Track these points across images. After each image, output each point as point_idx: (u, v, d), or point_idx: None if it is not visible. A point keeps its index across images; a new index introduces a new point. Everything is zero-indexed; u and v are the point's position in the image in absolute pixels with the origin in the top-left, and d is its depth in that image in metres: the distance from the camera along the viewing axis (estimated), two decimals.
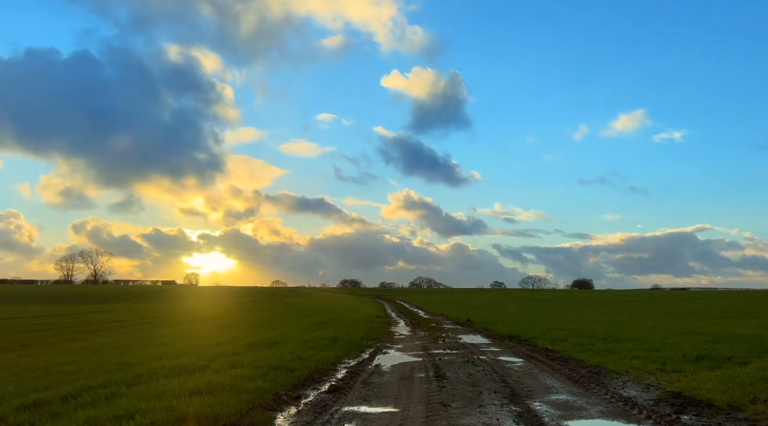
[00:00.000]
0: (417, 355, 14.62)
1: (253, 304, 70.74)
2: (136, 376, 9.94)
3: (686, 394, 8.46)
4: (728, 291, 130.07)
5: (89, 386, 9.08)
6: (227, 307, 61.59)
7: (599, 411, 7.87)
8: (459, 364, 12.58)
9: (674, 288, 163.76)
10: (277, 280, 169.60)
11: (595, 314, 37.17)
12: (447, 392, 9.26)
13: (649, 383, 9.82)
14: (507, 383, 10.02)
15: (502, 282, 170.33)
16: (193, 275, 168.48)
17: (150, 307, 62.08)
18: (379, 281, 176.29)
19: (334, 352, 14.03)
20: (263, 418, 7.38)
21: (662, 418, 7.26)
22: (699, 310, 45.22)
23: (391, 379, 10.69)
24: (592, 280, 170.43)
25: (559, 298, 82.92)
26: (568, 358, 13.44)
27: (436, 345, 17.11)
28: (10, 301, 76.30)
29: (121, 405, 7.43)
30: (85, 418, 6.85)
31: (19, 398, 8.40)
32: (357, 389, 9.65)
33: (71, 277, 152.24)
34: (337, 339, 16.78)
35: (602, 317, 31.50)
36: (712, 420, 7.19)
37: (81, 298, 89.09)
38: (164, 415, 6.78)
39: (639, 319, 29.38)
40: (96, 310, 52.69)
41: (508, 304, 58.64)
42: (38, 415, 7.28)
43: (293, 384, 9.69)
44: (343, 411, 7.96)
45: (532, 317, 30.78)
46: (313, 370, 11.17)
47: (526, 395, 8.96)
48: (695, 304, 58.40)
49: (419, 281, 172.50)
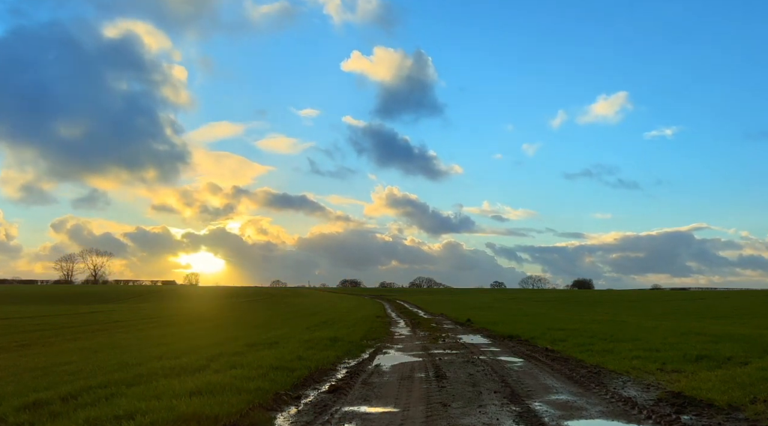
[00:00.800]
0: (417, 355, 14.61)
1: (252, 304, 70.73)
2: (136, 376, 9.94)
3: (686, 394, 8.46)
4: (728, 291, 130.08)
5: (89, 386, 9.07)
6: (227, 307, 61.57)
7: (599, 411, 7.87)
8: (459, 364, 12.57)
9: (674, 288, 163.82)
10: (277, 280, 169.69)
11: (595, 314, 37.16)
12: (447, 392, 9.26)
13: (649, 383, 9.81)
14: (507, 383, 10.01)
15: (502, 282, 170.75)
16: (192, 275, 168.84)
17: (150, 307, 62.06)
18: (379, 281, 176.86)
19: (334, 352, 14.02)
20: (263, 418, 7.37)
21: (662, 418, 7.26)
22: (699, 310, 45.21)
23: (391, 379, 10.68)
24: (591, 280, 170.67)
25: (558, 298, 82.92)
26: (568, 358, 13.44)
27: (436, 345, 17.11)
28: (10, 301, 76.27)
29: (121, 405, 7.43)
30: (85, 418, 6.85)
31: (19, 398, 8.39)
32: (357, 389, 9.65)
33: (71, 277, 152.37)
34: (337, 339, 16.78)
35: (602, 317, 31.49)
36: (712, 420, 7.19)
37: (81, 298, 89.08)
38: (164, 415, 6.78)
39: (639, 319, 29.37)
40: (96, 310, 52.68)
41: (508, 304, 58.62)
42: (38, 415, 7.27)
43: (293, 384, 9.69)
44: (343, 411, 7.96)
45: (532, 317, 30.78)
46: (313, 370, 11.17)
47: (526, 395, 8.96)
48: (695, 304, 58.39)
49: (419, 281, 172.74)
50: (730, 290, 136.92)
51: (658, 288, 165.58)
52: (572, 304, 61.28)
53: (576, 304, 61.17)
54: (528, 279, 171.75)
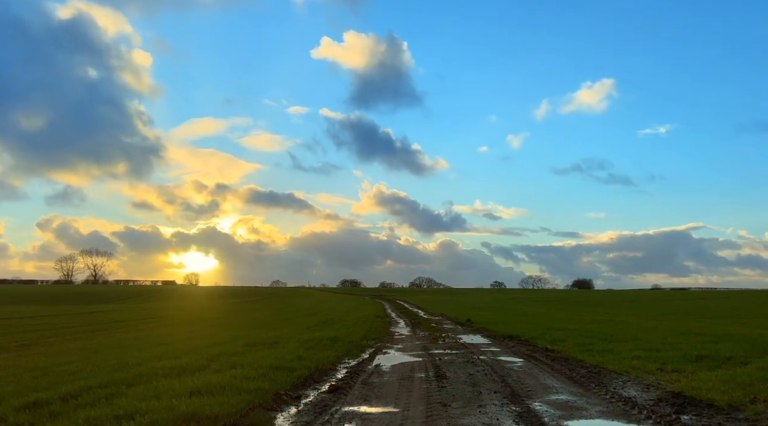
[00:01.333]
0: (417, 355, 14.61)
1: (252, 304, 70.75)
2: (136, 376, 9.94)
3: (686, 394, 8.46)
4: (728, 291, 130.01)
5: (89, 386, 9.07)
6: (227, 307, 61.58)
7: (599, 411, 7.87)
8: (459, 364, 12.57)
9: (674, 288, 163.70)
10: (277, 280, 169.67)
11: (594, 314, 37.17)
12: (447, 392, 9.26)
13: (649, 383, 9.81)
14: (507, 383, 10.01)
15: (502, 282, 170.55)
16: (192, 275, 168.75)
17: (150, 307, 62.08)
18: (379, 281, 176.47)
19: (334, 352, 14.02)
20: (263, 418, 7.37)
21: (662, 418, 7.26)
22: (699, 310, 45.21)
23: (391, 379, 10.69)
24: (591, 280, 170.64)
25: (558, 298, 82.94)
26: (568, 358, 13.44)
27: (436, 345, 17.11)
28: (10, 301, 76.28)
29: (121, 405, 7.43)
30: (85, 418, 6.85)
31: (19, 398, 8.39)
32: (357, 389, 9.65)
33: (71, 277, 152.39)
34: (337, 339, 16.78)
35: (602, 317, 31.50)
36: (712, 420, 7.19)
37: (81, 298, 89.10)
38: (164, 415, 6.78)
39: (639, 319, 29.38)
40: (96, 310, 52.69)
41: (508, 304, 58.64)
42: (38, 415, 7.27)
43: (293, 384, 9.69)
44: (343, 411, 7.96)
45: (532, 317, 30.78)
46: (313, 370, 11.17)
47: (526, 395, 8.96)
48: (695, 304, 58.40)
49: (419, 281, 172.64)
50: (730, 290, 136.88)
51: (658, 288, 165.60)
52: (572, 304, 61.30)
53: (576, 304, 61.18)
54: (528, 279, 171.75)
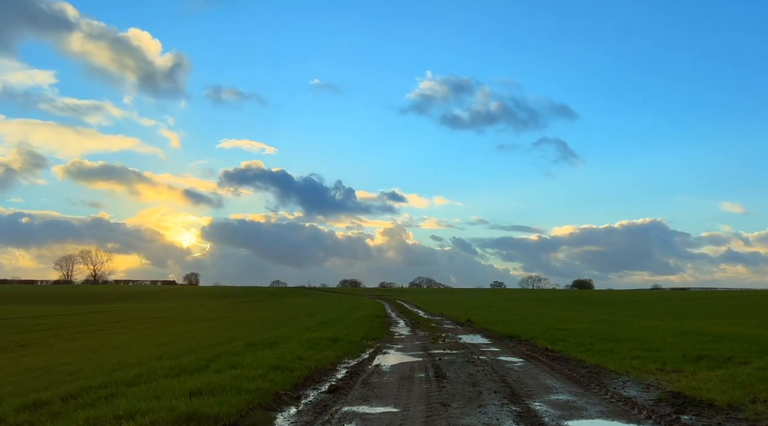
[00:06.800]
0: (417, 355, 14.61)
1: (252, 304, 70.79)
2: (136, 376, 9.93)
3: (686, 394, 8.46)
4: (728, 291, 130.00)
5: (89, 386, 9.06)
6: (226, 307, 61.59)
7: (599, 411, 7.87)
8: (459, 364, 12.57)
9: (674, 288, 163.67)
10: (277, 280, 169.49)
11: (594, 314, 37.16)
12: (447, 392, 9.25)
13: (650, 383, 9.81)
14: (507, 383, 10.01)
15: (502, 282, 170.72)
16: (192, 275, 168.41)
17: (150, 307, 62.10)
18: (379, 281, 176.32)
19: (334, 352, 14.02)
20: (263, 418, 7.37)
21: (662, 418, 7.26)
22: (699, 310, 45.23)
23: (391, 379, 10.68)
24: (591, 280, 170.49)
25: (558, 298, 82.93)
26: (568, 358, 13.44)
27: (436, 345, 17.10)
28: (10, 301, 76.30)
29: (121, 405, 7.42)
30: (85, 418, 6.84)
31: (18, 398, 8.38)
32: (357, 389, 9.64)
33: (71, 278, 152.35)
34: (336, 339, 16.78)
35: (602, 317, 31.49)
36: (712, 420, 7.19)
37: (81, 298, 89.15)
38: (164, 415, 6.77)
39: (639, 319, 29.38)
40: (96, 310, 52.71)
41: (508, 304, 58.63)
42: (38, 415, 7.26)
43: (293, 384, 9.69)
44: (343, 411, 7.96)
45: (532, 317, 30.78)
46: (313, 370, 11.17)
47: (526, 395, 8.95)
48: (695, 304, 58.40)
49: (419, 281, 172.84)
50: (731, 290, 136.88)
51: (658, 288, 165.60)
52: (572, 304, 61.30)
53: (575, 304, 61.17)
54: (528, 279, 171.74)
